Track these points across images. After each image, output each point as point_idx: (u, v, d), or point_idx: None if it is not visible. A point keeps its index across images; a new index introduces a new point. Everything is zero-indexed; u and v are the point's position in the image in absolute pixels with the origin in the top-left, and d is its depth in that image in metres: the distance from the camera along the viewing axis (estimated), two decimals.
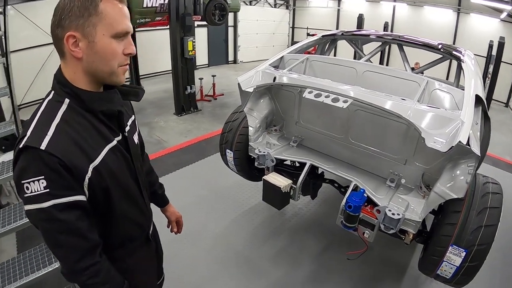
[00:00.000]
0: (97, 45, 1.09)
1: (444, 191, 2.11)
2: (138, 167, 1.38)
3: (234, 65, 16.26)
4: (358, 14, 10.66)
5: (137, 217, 1.40)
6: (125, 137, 1.31)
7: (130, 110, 1.47)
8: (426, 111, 2.25)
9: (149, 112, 8.89)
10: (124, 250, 1.38)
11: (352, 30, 3.93)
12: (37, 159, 1.01)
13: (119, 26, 1.10)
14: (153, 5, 7.86)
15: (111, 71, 1.15)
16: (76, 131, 1.10)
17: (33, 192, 1.02)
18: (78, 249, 1.11)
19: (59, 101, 1.13)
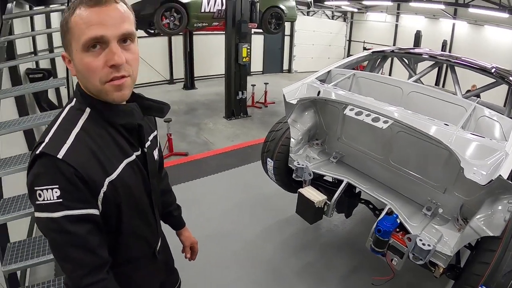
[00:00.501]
0: (75, 63, 1.03)
1: (480, 227, 1.99)
2: (153, 183, 1.31)
3: (288, 74, 16.33)
4: (416, 30, 10.26)
5: (145, 233, 1.33)
6: (144, 153, 1.24)
7: (153, 125, 1.43)
8: (468, 139, 2.14)
9: (200, 113, 9.20)
10: (131, 266, 1.32)
11: (403, 48, 3.83)
12: (53, 168, 0.97)
13: (83, 36, 0.97)
14: (211, 11, 8.18)
15: (96, 89, 1.05)
16: (95, 142, 1.06)
17: (45, 200, 0.97)
18: (86, 265, 1.04)
19: (80, 110, 1.09)
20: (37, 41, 5.55)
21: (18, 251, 2.53)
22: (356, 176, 3.16)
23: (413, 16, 15.25)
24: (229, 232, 3.97)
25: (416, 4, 11.78)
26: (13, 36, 3.78)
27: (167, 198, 1.71)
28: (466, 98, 3.08)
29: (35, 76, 4.93)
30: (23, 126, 2.91)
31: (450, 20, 13.79)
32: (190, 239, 1.82)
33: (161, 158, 1.59)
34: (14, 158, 2.86)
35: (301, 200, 3.11)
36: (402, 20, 16.09)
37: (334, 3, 13.70)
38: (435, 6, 11.67)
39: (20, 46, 4.53)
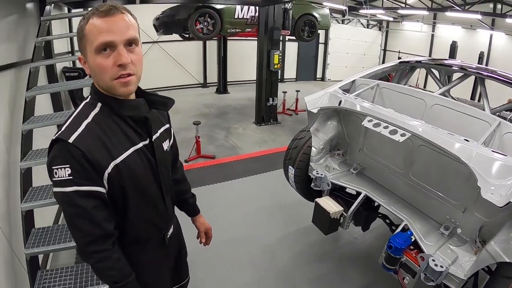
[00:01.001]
0: (89, 63, 1.22)
1: (497, 251, 1.86)
2: (162, 172, 1.46)
3: (322, 83, 16.18)
4: (452, 41, 9.84)
5: (153, 219, 1.48)
6: (152, 143, 1.40)
7: (165, 119, 1.58)
8: (488, 156, 2.02)
9: (230, 118, 9.32)
10: (139, 246, 1.47)
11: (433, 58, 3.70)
12: (65, 150, 1.16)
13: (97, 41, 1.16)
14: (244, 17, 8.30)
15: (107, 85, 1.24)
16: (104, 131, 1.24)
17: (60, 177, 1.17)
18: (90, 234, 1.23)
19: (93, 105, 1.29)
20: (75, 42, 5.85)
21: (41, 237, 2.70)
22: (375, 189, 3.08)
23: (450, 26, 14.62)
24: (248, 236, 4.00)
25: (453, 13, 11.32)
26: (50, 36, 4.02)
27: (182, 186, 1.85)
28: (496, 112, 2.94)
29: (71, 74, 5.23)
30: (56, 121, 3.12)
31: (488, 30, 13.10)
32: (204, 225, 1.95)
33: (176, 150, 1.76)
34: (46, 149, 3.05)
35: (317, 210, 3.08)
36: (439, 30, 15.50)
37: (369, 12, 13.44)
38: (471, 16, 11.13)
39: (57, 46, 4.80)
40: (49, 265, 3.36)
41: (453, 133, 2.24)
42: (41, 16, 3.76)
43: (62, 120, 3.04)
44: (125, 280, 1.33)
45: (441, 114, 2.73)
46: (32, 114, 3.26)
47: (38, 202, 2.74)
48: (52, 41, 4.29)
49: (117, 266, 1.31)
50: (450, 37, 13.31)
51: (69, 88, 4.19)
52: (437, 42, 15.56)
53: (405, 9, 13.70)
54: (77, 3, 5.20)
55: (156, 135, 1.44)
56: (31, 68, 3.27)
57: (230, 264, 3.53)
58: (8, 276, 2.56)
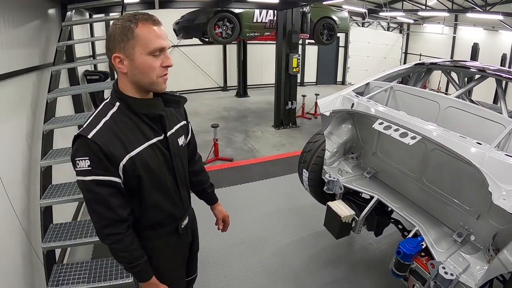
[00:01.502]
0: (137, 62, 1.34)
1: (509, 260, 1.77)
2: (177, 165, 1.60)
3: (342, 86, 15.96)
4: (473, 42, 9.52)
5: (169, 208, 1.60)
6: (166, 138, 1.53)
7: (182, 116, 1.71)
8: (502, 160, 1.94)
9: (249, 121, 9.36)
10: (154, 232, 1.61)
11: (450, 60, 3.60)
12: (85, 144, 1.31)
13: (152, 45, 1.32)
14: (263, 21, 8.34)
15: (151, 82, 1.39)
16: (120, 127, 1.38)
17: (81, 168, 1.33)
18: (106, 218, 1.39)
19: (112, 104, 1.43)
20: (96, 46, 6.03)
21: (59, 232, 2.82)
22: (388, 193, 3.02)
23: (471, 28, 14.21)
24: (262, 239, 4.00)
25: (474, 15, 10.99)
26: (71, 41, 4.17)
27: (201, 177, 1.99)
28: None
29: (92, 77, 5.39)
30: (75, 122, 3.26)
31: (510, 32, 12.63)
32: (222, 212, 2.09)
33: (193, 144, 1.90)
34: (65, 149, 3.18)
35: (329, 214, 3.05)
36: (460, 32, 15.09)
37: (390, 14, 13.23)
38: (493, 17, 10.77)
39: (79, 50, 4.97)
40: (66, 260, 3.48)
41: (465, 136, 2.18)
42: (63, 21, 3.90)
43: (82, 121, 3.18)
44: (136, 262, 1.48)
45: (455, 117, 2.65)
46: (53, 115, 3.40)
47: (56, 199, 2.87)
48: (73, 45, 4.44)
49: (129, 248, 1.45)
50: (471, 39, 12.97)
51: (89, 91, 4.32)
52: (458, 44, 15.19)
53: (425, 11, 13.45)
54: (98, 9, 5.36)
55: (171, 131, 1.57)
56: (52, 71, 3.41)
57: (243, 265, 3.54)
58: (25, 268, 2.67)
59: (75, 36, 4.50)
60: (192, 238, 1.88)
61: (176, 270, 1.78)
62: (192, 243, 1.89)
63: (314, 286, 3.31)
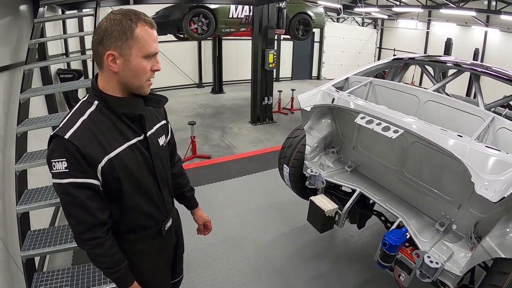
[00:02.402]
0: (131, 63, 1.30)
1: (492, 247, 1.84)
2: (158, 165, 1.54)
3: (317, 81, 16.18)
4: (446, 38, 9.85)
5: (150, 210, 1.55)
6: (146, 138, 1.48)
7: (161, 116, 1.66)
8: (482, 152, 2.01)
9: (226, 117, 9.29)
10: (136, 235, 1.55)
11: (426, 55, 3.68)
12: (62, 145, 1.25)
13: (150, 49, 1.32)
14: (239, 16, 8.30)
15: (140, 85, 1.37)
16: (98, 127, 1.32)
17: (57, 169, 1.26)
18: (84, 222, 1.33)
19: (90, 102, 1.36)
20: (69, 43, 5.80)
21: (37, 239, 2.68)
22: (370, 186, 3.07)
23: (445, 24, 14.73)
24: (244, 236, 3.98)
25: (447, 11, 11.36)
26: (44, 38, 3.98)
27: (181, 180, 1.91)
28: (490, 108, 2.92)
29: (66, 76, 5.18)
30: (50, 123, 3.10)
31: (482, 27, 13.19)
32: (203, 217, 2.03)
33: (173, 145, 1.83)
34: (40, 152, 3.04)
35: (312, 208, 3.07)
36: (434, 27, 15.58)
37: (364, 10, 13.46)
38: (466, 13, 11.18)
39: (52, 47, 4.76)
40: (45, 267, 3.34)
41: (446, 129, 2.23)
42: (35, 18, 3.72)
43: (57, 122, 3.06)
44: (117, 267, 1.43)
45: (435, 110, 2.72)
46: (27, 117, 3.24)
47: (33, 204, 2.73)
48: (46, 43, 4.25)
49: (109, 253, 1.40)
50: (445, 34, 13.38)
51: (63, 90, 4.14)
52: (432, 39, 15.65)
53: (399, 7, 13.74)
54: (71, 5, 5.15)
55: (151, 131, 1.52)
56: (25, 70, 3.25)
57: (226, 263, 3.51)
58: (4, 279, 2.54)
59: (47, 34, 4.30)
60: (176, 239, 1.83)
61: (160, 273, 1.73)
62: (176, 245, 1.85)
63: (299, 281, 3.32)
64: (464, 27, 14.05)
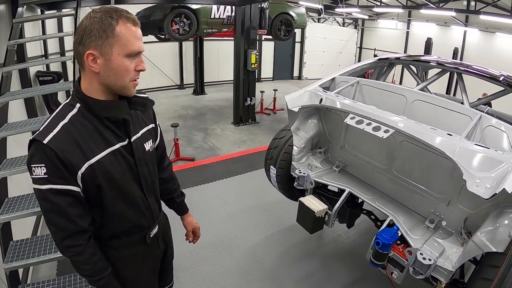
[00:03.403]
0: (113, 63, 1.24)
1: (483, 242, 1.89)
2: (143, 171, 1.48)
3: (298, 81, 16.28)
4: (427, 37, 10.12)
5: (134, 217, 1.49)
6: (130, 143, 1.42)
7: (150, 119, 1.59)
8: (472, 149, 2.05)
9: (208, 119, 9.21)
10: (120, 241, 1.50)
11: (411, 55, 3.74)
12: (40, 150, 1.21)
13: (132, 47, 1.25)
14: (220, 17, 8.26)
15: (123, 85, 1.30)
16: (79, 132, 1.27)
17: (37, 175, 1.22)
18: (65, 230, 1.29)
19: (71, 105, 1.31)
20: (48, 45, 5.63)
21: (20, 249, 2.58)
22: (359, 186, 3.09)
23: (424, 24, 15.12)
24: (232, 238, 3.94)
25: (427, 11, 11.66)
26: (23, 39, 3.84)
27: (170, 185, 1.86)
28: (474, 106, 2.98)
29: (45, 78, 5.02)
30: (30, 127, 2.99)
31: (462, 27, 13.61)
32: (192, 224, 1.97)
33: (162, 150, 1.79)
34: (21, 158, 2.92)
35: (301, 209, 3.05)
36: (413, 27, 15.94)
37: (345, 10, 13.65)
38: (446, 13, 11.52)
39: (31, 49, 4.61)
40: (29, 279, 3.21)
41: (436, 128, 2.26)
42: (13, 18, 3.58)
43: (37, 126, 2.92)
44: (100, 275, 1.39)
45: (422, 110, 2.76)
46: (5, 121, 3.13)
47: (15, 214, 2.63)
48: (25, 44, 4.10)
49: (91, 261, 1.36)
50: (425, 34, 13.70)
51: (43, 93, 4.00)
52: (412, 39, 16.00)
53: (380, 7, 13.99)
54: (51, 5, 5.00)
55: (136, 135, 1.46)
56: (3, 72, 3.14)
57: (215, 267, 3.46)
58: None
59: (26, 34, 4.15)
60: (165, 246, 1.77)
61: (146, 280, 1.67)
62: (165, 252, 1.79)
63: (289, 282, 3.32)
64: (443, 27, 14.45)
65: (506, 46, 12.50)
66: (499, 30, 12.41)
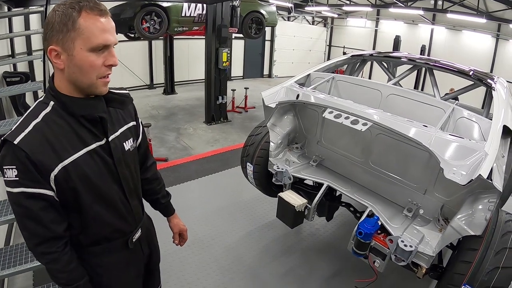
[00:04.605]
0: (76, 58, 1.16)
1: (461, 226, 1.99)
2: (123, 172, 1.41)
3: (269, 79, 16.36)
4: (395, 35, 10.45)
5: (114, 221, 1.42)
6: (108, 143, 1.34)
7: (130, 117, 1.52)
8: (447, 140, 2.14)
9: (180, 118, 9.08)
10: (100, 247, 1.42)
11: (382, 52, 3.86)
12: (11, 151, 1.14)
13: (96, 40, 1.15)
14: (191, 15, 8.15)
15: (90, 83, 1.21)
16: (52, 131, 1.20)
17: (9, 177, 1.16)
18: (39, 235, 1.23)
19: (45, 103, 1.24)
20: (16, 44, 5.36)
21: None
22: (337, 179, 3.14)
23: (393, 22, 15.56)
24: (210, 238, 3.89)
25: (396, 10, 12.04)
26: None
27: (155, 185, 1.79)
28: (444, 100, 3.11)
29: (12, 79, 4.79)
30: None
31: (429, 25, 14.14)
32: (178, 226, 1.90)
33: (145, 148, 1.70)
34: None
35: (281, 204, 3.07)
36: (382, 25, 16.37)
37: (315, 9, 13.85)
38: (414, 12, 11.95)
39: None
40: None
41: (412, 120, 2.33)
42: None
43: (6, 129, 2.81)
44: (75, 283, 1.32)
45: (397, 103, 2.85)
46: None
47: None
48: None
49: (66, 269, 1.29)
50: (393, 32, 14.06)
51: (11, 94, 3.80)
52: (380, 37, 16.42)
53: (349, 6, 14.28)
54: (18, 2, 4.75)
55: (115, 134, 1.39)
56: None
57: (196, 267, 3.41)
58: None
59: None
60: (149, 250, 1.69)
61: (130, 287, 1.60)
62: (150, 256, 1.71)
63: (271, 278, 3.33)
64: (411, 25, 14.94)
65: (471, 43, 13.13)
66: (465, 28, 13.00)
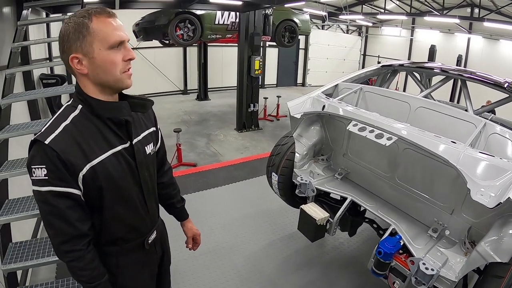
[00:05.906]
0: (97, 60, 1.23)
1: (487, 252, 1.85)
2: (144, 175, 1.46)
3: (302, 88, 16.28)
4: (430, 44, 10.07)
5: (133, 222, 1.47)
6: (132, 145, 1.40)
7: (150, 122, 1.58)
8: (476, 158, 2.02)
9: (211, 124, 9.22)
10: (117, 247, 1.46)
11: (414, 62, 3.72)
12: (42, 151, 1.19)
13: (112, 38, 1.23)
14: (225, 23, 8.28)
15: (115, 79, 1.28)
16: (81, 133, 1.26)
17: (37, 176, 1.20)
18: (64, 233, 1.26)
19: (73, 107, 1.30)
20: (53, 48, 5.66)
21: (19, 251, 2.57)
22: (361, 193, 3.06)
23: (428, 31, 15.07)
24: (232, 245, 3.91)
25: (431, 18, 11.64)
26: (27, 42, 3.86)
27: (170, 190, 1.84)
28: (478, 114, 2.95)
29: (49, 81, 5.04)
30: (32, 129, 2.97)
31: (465, 34, 13.55)
32: (192, 230, 1.93)
33: (163, 153, 1.77)
34: (22, 160, 2.92)
35: (303, 217, 3.03)
36: (417, 34, 15.90)
37: (349, 17, 13.66)
38: (450, 20, 11.49)
39: (35, 52, 4.63)
40: (28, 281, 3.19)
41: (439, 136, 2.23)
42: (18, 20, 3.61)
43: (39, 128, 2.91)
44: (96, 281, 1.35)
45: (426, 117, 2.72)
46: (8, 123, 3.12)
47: (14, 215, 2.61)
48: (29, 46, 4.12)
49: (89, 267, 1.32)
50: (428, 41, 13.61)
51: (46, 95, 4.01)
52: (416, 46, 15.93)
53: (384, 15, 13.95)
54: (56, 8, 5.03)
55: (138, 138, 1.44)
56: (6, 74, 3.13)
57: (215, 274, 3.43)
58: None
59: (30, 37, 4.18)
60: (162, 252, 1.74)
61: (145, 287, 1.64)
62: (162, 258, 1.75)
63: None
64: (447, 34, 14.40)
65: (510, 53, 12.42)
66: (502, 37, 12.34)
